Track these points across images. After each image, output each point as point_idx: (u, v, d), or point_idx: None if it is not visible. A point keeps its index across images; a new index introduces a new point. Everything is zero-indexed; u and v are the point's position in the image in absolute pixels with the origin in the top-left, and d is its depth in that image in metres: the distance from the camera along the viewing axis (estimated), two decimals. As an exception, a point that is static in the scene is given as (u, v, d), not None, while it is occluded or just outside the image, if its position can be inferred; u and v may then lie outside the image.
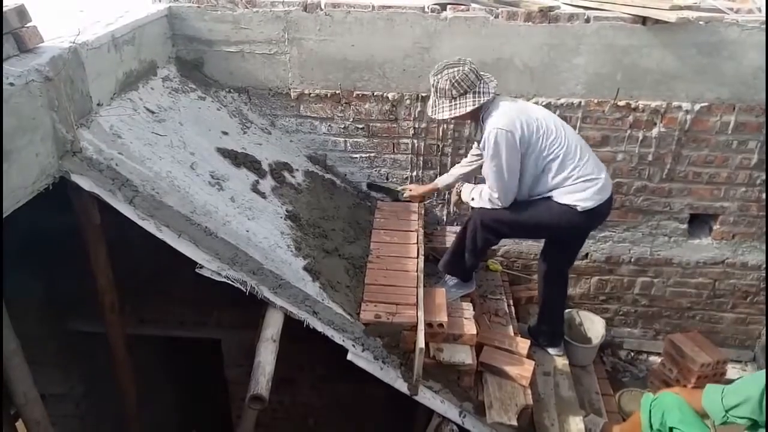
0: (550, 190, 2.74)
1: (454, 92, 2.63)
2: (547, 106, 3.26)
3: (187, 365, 5.18)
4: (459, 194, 3.09)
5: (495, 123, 2.61)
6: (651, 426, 2.58)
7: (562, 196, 2.73)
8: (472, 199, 2.95)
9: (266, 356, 2.27)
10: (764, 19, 3.04)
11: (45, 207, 2.44)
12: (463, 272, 3.16)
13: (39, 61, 2.07)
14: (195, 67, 3.27)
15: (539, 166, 2.70)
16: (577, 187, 2.71)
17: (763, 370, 2.35)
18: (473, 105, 2.64)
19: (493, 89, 2.68)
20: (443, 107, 2.69)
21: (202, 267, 2.41)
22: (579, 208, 2.72)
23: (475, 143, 3.07)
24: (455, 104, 2.65)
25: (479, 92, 2.64)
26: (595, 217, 2.84)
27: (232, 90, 3.34)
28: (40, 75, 2.05)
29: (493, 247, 3.79)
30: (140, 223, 2.34)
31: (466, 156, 3.35)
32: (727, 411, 2.23)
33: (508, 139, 2.59)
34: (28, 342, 2.45)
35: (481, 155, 2.94)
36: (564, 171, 2.69)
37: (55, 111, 2.14)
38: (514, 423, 2.66)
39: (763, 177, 3.44)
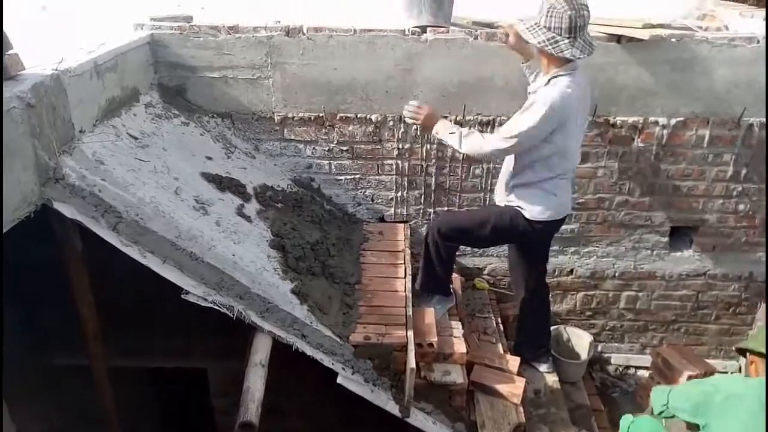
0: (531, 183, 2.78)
1: (563, 29, 2.49)
2: (528, 124, 3.32)
3: (171, 396, 5.05)
4: (430, 121, 2.86)
5: (560, 91, 2.56)
6: None
7: (527, 199, 2.79)
8: (452, 133, 2.78)
9: (255, 382, 2.23)
10: (732, 36, 3.15)
11: (25, 236, 2.39)
12: (440, 286, 3.16)
13: (21, 88, 2.05)
14: (178, 93, 3.27)
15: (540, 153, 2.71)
16: (548, 194, 2.77)
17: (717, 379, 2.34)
18: (563, 52, 2.52)
19: (587, 55, 2.58)
20: (539, 33, 2.54)
21: (188, 293, 2.37)
22: (534, 218, 2.79)
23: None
24: (553, 40, 2.52)
25: (578, 47, 2.53)
26: (553, 228, 2.92)
27: (215, 115, 3.34)
28: (22, 102, 2.03)
29: (479, 267, 3.82)
30: (124, 249, 2.30)
31: (450, 174, 3.38)
32: (666, 404, 2.22)
33: (552, 114, 2.56)
34: (5, 376, 2.37)
35: None
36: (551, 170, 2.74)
37: (36, 138, 2.11)
38: (508, 442, 2.64)
39: (739, 189, 3.52)
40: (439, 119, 2.87)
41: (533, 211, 2.80)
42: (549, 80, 2.63)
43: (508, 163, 2.90)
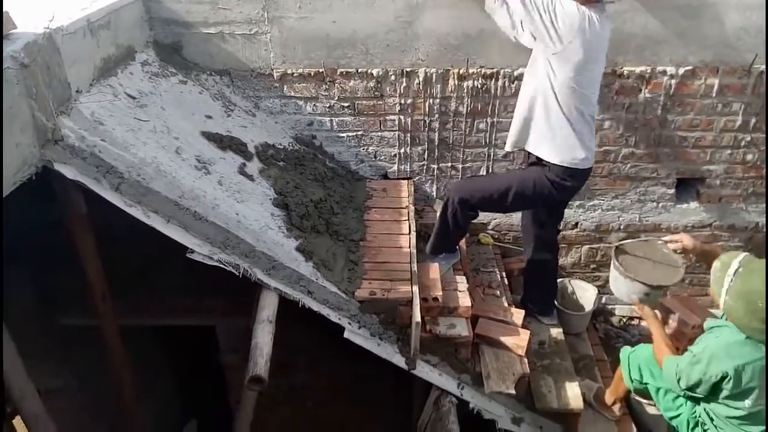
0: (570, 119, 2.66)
1: None
2: (533, 76, 3.25)
3: (182, 353, 5.16)
4: None
5: (582, 11, 2.50)
6: (631, 379, 2.65)
7: (554, 142, 2.69)
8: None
9: (263, 337, 2.26)
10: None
11: (30, 199, 2.39)
12: (449, 247, 3.16)
13: (13, 48, 2.01)
14: (174, 50, 3.20)
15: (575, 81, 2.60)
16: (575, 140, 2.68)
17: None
18: None
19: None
20: None
21: (193, 252, 2.38)
22: (563, 164, 2.70)
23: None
24: None
25: None
26: (579, 181, 2.83)
27: (213, 73, 3.28)
28: (15, 62, 1.99)
29: (484, 222, 3.81)
30: (128, 209, 2.31)
31: (454, 129, 3.34)
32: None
33: (564, 14, 2.50)
34: (18, 337, 2.42)
35: None
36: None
37: (33, 99, 2.08)
38: (512, 392, 2.70)
39: (748, 138, 3.47)
40: None
41: (563, 156, 2.68)
42: None
43: (529, 102, 2.75)
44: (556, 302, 3.45)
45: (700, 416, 2.40)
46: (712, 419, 2.34)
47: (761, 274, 2.10)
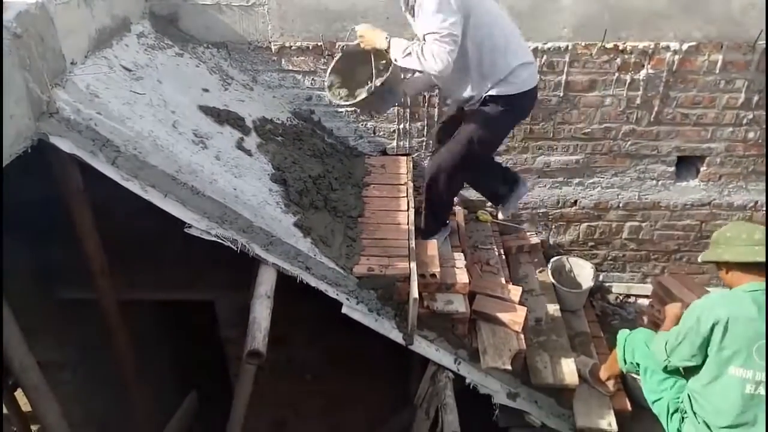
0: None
1: None
2: (534, 50, 3.20)
3: (181, 328, 5.19)
4: (386, 47, 2.61)
5: None
6: (625, 361, 2.67)
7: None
8: (407, 55, 2.49)
9: (261, 312, 2.28)
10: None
11: (30, 173, 2.38)
12: (442, 223, 3.16)
13: (5, 17, 1.97)
14: (170, 22, 3.15)
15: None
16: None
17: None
18: None
19: None
20: None
21: (191, 227, 2.38)
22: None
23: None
24: None
25: None
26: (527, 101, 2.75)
27: (210, 45, 3.23)
28: (8, 32, 1.95)
29: (482, 199, 3.79)
30: (124, 184, 2.29)
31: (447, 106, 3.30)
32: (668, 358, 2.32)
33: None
34: (19, 311, 2.43)
35: None
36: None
37: (27, 70, 2.05)
38: (509, 367, 2.72)
39: (750, 116, 3.44)
40: (385, 36, 2.59)
41: (509, 87, 2.60)
42: None
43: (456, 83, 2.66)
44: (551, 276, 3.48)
45: (682, 402, 2.34)
46: (692, 407, 2.27)
47: (726, 229, 2.31)
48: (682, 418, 2.33)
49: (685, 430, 2.30)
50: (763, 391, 2.08)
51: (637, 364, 2.59)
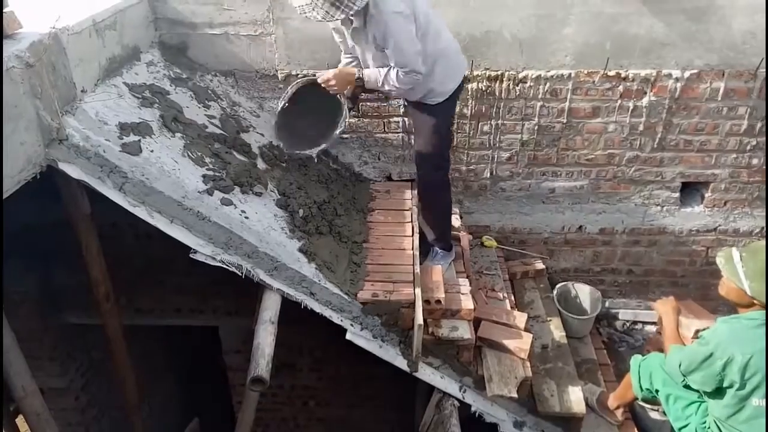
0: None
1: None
2: (537, 78, 3.24)
3: (185, 354, 5.17)
4: (359, 83, 2.72)
5: (392, 7, 2.44)
6: (641, 387, 2.62)
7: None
8: (382, 85, 2.64)
9: (265, 338, 2.27)
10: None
11: (35, 199, 2.40)
12: (450, 237, 3.19)
13: (19, 47, 2.02)
14: (179, 51, 3.21)
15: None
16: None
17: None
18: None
19: None
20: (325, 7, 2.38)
21: (196, 252, 2.38)
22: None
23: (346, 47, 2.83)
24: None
25: None
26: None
27: (218, 73, 3.28)
28: (21, 61, 2.00)
29: (487, 224, 3.80)
30: (131, 209, 2.31)
31: (458, 131, 3.32)
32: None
33: (408, 13, 2.47)
34: (23, 336, 2.43)
35: (354, 58, 2.83)
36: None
37: (38, 98, 2.09)
38: (515, 395, 2.68)
39: (754, 143, 3.45)
40: (354, 73, 2.70)
41: (446, 86, 2.77)
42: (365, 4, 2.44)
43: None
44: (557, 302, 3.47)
45: (709, 427, 2.33)
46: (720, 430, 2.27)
47: (762, 250, 2.19)
48: None
49: None
50: None
51: (656, 390, 2.54)
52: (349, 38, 2.73)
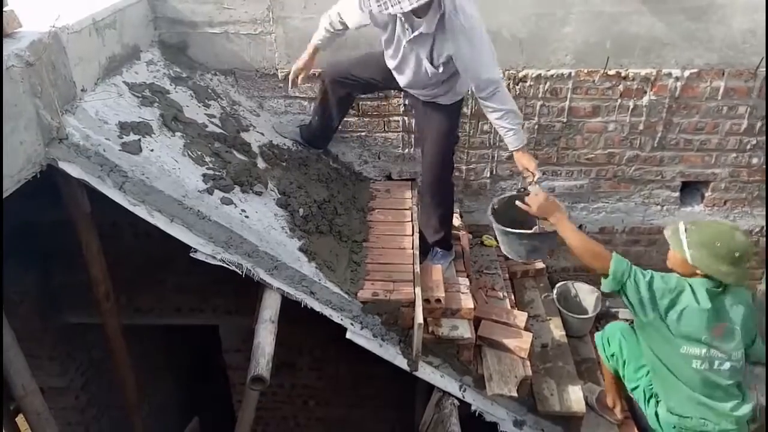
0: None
1: None
2: (537, 77, 3.25)
3: (185, 353, 5.17)
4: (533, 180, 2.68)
5: (465, 4, 2.44)
6: (607, 358, 2.73)
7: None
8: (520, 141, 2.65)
9: (265, 337, 2.27)
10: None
11: (35, 198, 2.40)
12: (450, 236, 3.18)
13: (18, 46, 2.01)
14: (179, 50, 3.21)
15: None
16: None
17: None
18: None
19: None
20: None
21: (196, 251, 2.38)
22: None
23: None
24: None
25: None
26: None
27: (218, 72, 3.28)
28: (21, 60, 2.00)
29: (487, 224, 3.79)
30: (131, 209, 2.31)
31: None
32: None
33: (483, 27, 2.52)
34: (23, 336, 2.43)
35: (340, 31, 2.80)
36: None
37: (38, 97, 2.09)
38: (515, 394, 2.69)
39: (754, 142, 3.45)
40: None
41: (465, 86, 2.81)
42: (443, 11, 2.42)
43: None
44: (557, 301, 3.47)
45: (652, 386, 2.50)
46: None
47: (708, 226, 2.34)
48: (657, 402, 2.48)
49: (660, 413, 2.46)
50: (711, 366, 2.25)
51: (612, 356, 2.68)
52: (404, 40, 2.60)
